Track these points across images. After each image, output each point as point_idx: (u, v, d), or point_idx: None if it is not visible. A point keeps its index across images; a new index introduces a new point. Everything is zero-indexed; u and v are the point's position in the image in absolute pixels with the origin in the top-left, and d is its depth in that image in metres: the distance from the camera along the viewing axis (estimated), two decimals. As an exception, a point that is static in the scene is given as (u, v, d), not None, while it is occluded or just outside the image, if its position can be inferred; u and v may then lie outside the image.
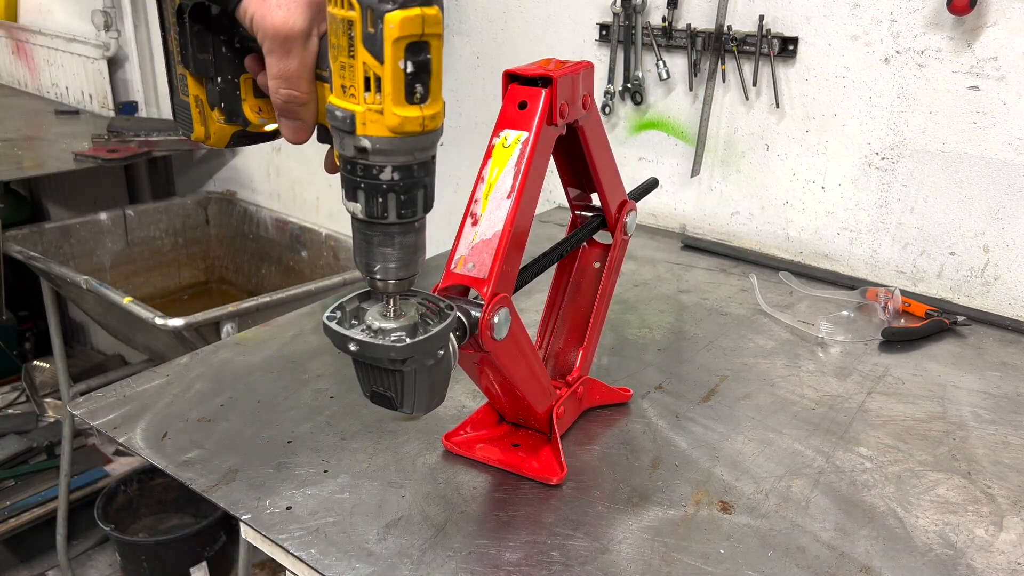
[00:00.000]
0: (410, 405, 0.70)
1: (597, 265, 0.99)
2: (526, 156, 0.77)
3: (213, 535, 2.31)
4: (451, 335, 0.71)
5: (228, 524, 2.33)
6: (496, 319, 0.74)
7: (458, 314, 0.72)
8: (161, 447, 0.92)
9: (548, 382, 0.89)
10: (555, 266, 0.96)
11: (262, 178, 2.59)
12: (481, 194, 0.78)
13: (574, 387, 0.95)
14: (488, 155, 0.78)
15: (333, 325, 0.67)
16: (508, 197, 0.76)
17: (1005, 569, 0.78)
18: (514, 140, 0.78)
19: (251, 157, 2.60)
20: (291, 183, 2.50)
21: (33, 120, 2.84)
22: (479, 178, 0.78)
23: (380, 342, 0.66)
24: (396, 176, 0.60)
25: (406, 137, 0.58)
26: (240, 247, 2.64)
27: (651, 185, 1.07)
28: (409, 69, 0.56)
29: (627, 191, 0.98)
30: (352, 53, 0.56)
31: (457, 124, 2.02)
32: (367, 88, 0.57)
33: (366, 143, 0.58)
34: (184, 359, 1.13)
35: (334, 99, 0.59)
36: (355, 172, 0.61)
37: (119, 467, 2.60)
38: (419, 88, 0.57)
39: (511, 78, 0.79)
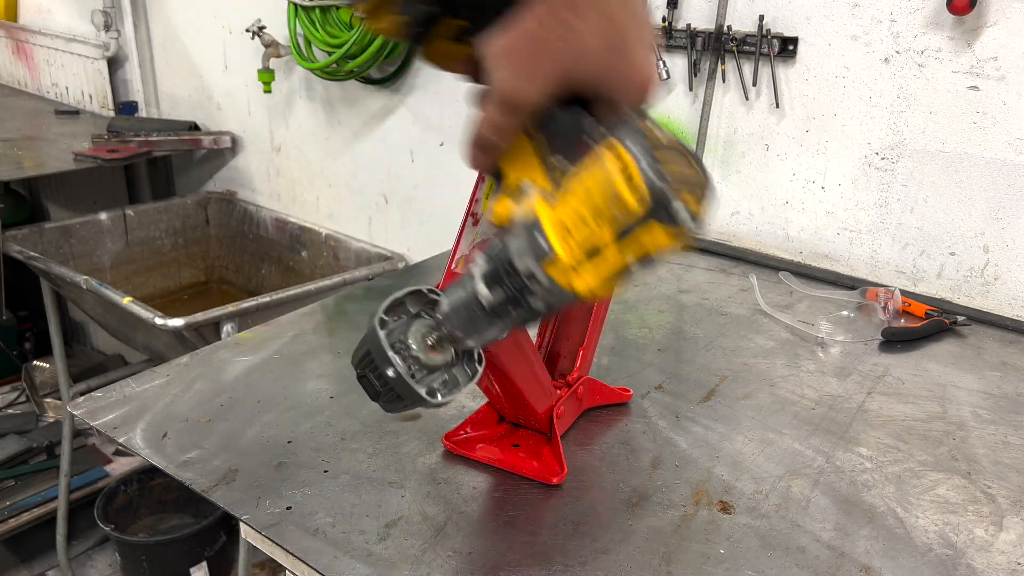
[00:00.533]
0: (390, 409, 0.70)
1: None
2: None
3: (213, 535, 2.31)
4: None
5: (228, 524, 2.33)
6: None
7: (483, 368, 0.71)
8: (161, 447, 0.92)
9: (548, 382, 0.89)
10: None
11: (262, 178, 2.59)
12: (482, 194, 0.78)
13: (574, 387, 0.95)
14: None
15: (382, 336, 0.65)
16: None
17: (1005, 569, 0.78)
18: None
19: (251, 157, 2.60)
20: (291, 183, 2.50)
21: (33, 120, 2.84)
22: (480, 178, 0.78)
23: (415, 387, 0.65)
24: (542, 308, 0.59)
25: (579, 296, 0.57)
26: (240, 247, 2.64)
27: None
28: (635, 267, 0.55)
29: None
30: (600, 223, 0.53)
31: (457, 124, 2.02)
32: (586, 252, 0.54)
33: (545, 280, 0.56)
34: (184, 359, 1.13)
35: (545, 219, 0.54)
36: (509, 278, 0.58)
37: (119, 467, 2.60)
38: (627, 278, 0.56)
39: None
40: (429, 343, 0.67)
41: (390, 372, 0.65)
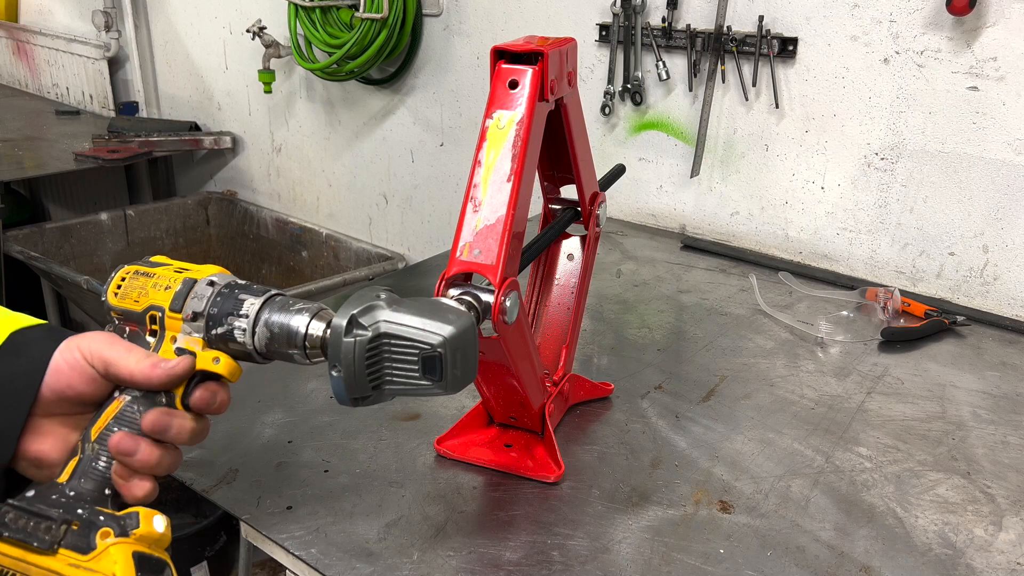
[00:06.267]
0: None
1: (569, 257, 0.99)
2: (522, 136, 0.76)
3: (213, 535, 2.31)
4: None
5: (228, 524, 2.33)
6: (508, 302, 0.74)
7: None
8: (161, 447, 0.92)
9: (542, 378, 0.90)
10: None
11: (262, 178, 2.59)
12: (480, 178, 0.77)
13: (560, 385, 0.95)
14: (483, 138, 0.77)
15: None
16: (508, 180, 0.76)
17: (1004, 568, 0.78)
18: (508, 121, 0.76)
19: (251, 158, 2.60)
20: (291, 184, 2.51)
21: (34, 120, 2.85)
22: (476, 162, 0.77)
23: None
24: None
25: None
26: (240, 247, 2.64)
27: (618, 172, 1.05)
28: None
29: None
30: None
31: (457, 124, 2.02)
32: None
33: None
34: (184, 359, 1.13)
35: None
36: None
37: (119, 467, 2.60)
38: None
39: (499, 55, 0.78)
40: None
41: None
